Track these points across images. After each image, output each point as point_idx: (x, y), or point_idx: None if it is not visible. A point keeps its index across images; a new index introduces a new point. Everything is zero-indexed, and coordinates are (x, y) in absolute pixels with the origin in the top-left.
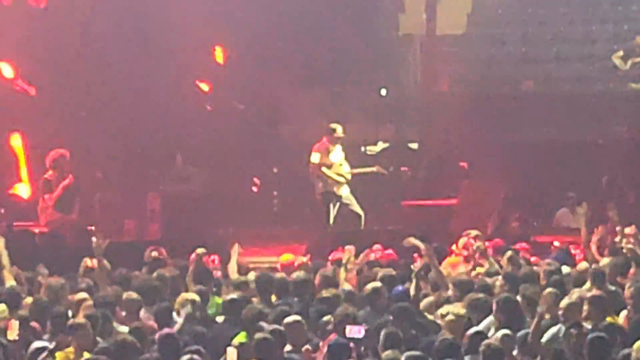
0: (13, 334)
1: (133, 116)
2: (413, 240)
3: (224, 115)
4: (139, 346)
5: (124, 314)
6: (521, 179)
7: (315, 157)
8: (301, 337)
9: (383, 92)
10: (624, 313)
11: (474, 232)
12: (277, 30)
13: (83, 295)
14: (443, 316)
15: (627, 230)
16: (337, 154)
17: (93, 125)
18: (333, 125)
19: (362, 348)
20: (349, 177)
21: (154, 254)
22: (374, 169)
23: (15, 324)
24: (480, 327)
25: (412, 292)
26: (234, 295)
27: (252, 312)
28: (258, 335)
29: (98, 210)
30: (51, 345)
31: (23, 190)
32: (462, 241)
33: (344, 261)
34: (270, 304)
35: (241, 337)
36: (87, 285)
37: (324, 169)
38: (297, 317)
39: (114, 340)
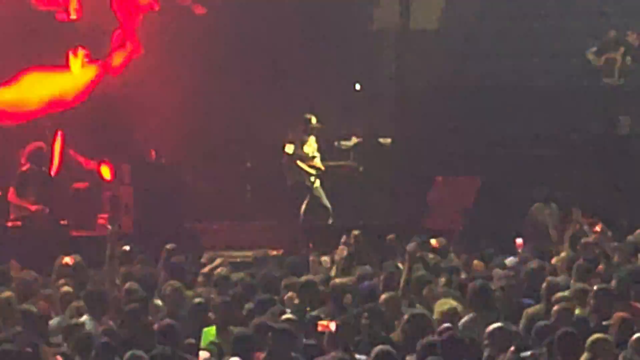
0: None
1: (115, 110)
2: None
3: (198, 109)
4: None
5: None
6: (495, 174)
7: (289, 148)
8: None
9: (357, 86)
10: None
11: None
12: (249, 24)
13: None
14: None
15: (597, 228)
16: (311, 146)
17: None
18: (308, 116)
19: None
20: (320, 169)
21: (125, 248)
22: (348, 162)
23: None
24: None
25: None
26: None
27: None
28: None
29: (71, 204)
30: None
31: None
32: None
33: (336, 258)
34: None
35: (210, 331)
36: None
37: (297, 160)
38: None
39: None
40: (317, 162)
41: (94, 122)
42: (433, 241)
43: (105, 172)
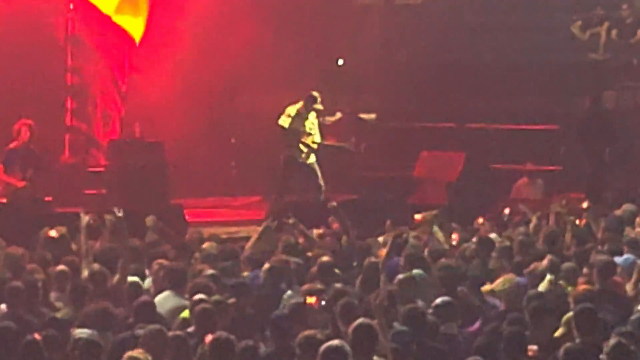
0: None
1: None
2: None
3: (182, 86)
4: None
5: None
6: (480, 149)
7: (284, 121)
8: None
9: (340, 62)
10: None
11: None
12: (232, 0)
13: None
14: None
15: (584, 204)
16: (310, 122)
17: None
18: (315, 93)
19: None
20: (315, 146)
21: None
22: (344, 145)
23: None
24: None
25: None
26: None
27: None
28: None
29: (57, 180)
30: None
31: None
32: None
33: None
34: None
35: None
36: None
37: (292, 135)
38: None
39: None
40: (315, 138)
41: (78, 98)
42: (418, 216)
43: None
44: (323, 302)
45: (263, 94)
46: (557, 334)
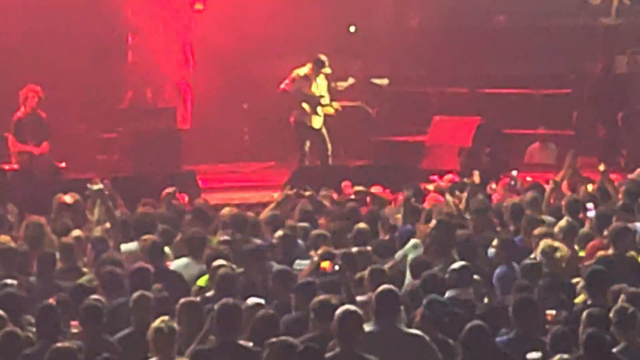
0: None
1: (105, 51)
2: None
3: (195, 52)
4: None
5: None
6: (492, 114)
7: (285, 85)
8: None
9: (352, 29)
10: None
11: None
12: None
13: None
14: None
15: (600, 167)
16: (319, 86)
17: (62, 61)
18: (322, 57)
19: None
20: (332, 110)
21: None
22: (357, 103)
23: None
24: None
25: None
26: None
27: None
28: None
29: (69, 146)
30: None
31: None
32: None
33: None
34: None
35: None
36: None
37: (301, 100)
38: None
39: None
40: (324, 101)
41: (93, 65)
42: (430, 187)
43: None
44: (337, 267)
45: (275, 59)
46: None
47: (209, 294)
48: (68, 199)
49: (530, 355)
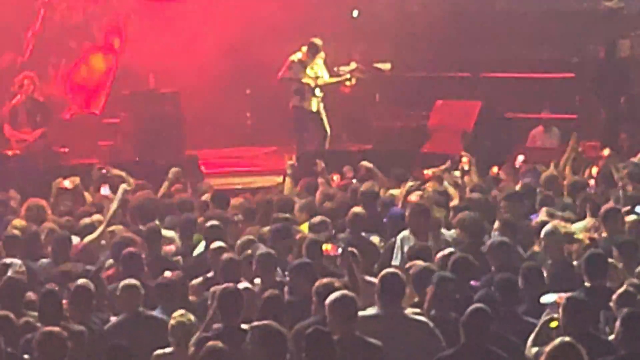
0: None
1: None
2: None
3: (197, 37)
4: None
5: None
6: (495, 98)
7: (287, 72)
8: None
9: (355, 13)
10: None
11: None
12: None
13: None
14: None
15: (605, 152)
16: (316, 67)
17: (65, 46)
18: (316, 41)
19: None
20: (320, 93)
21: (103, 171)
22: (347, 75)
23: None
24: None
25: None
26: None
27: None
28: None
29: (71, 131)
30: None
31: None
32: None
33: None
34: None
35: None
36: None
37: (304, 83)
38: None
39: None
40: (319, 82)
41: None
42: (428, 172)
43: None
44: (340, 250)
45: (279, 45)
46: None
47: (209, 274)
48: (67, 183)
49: (544, 297)
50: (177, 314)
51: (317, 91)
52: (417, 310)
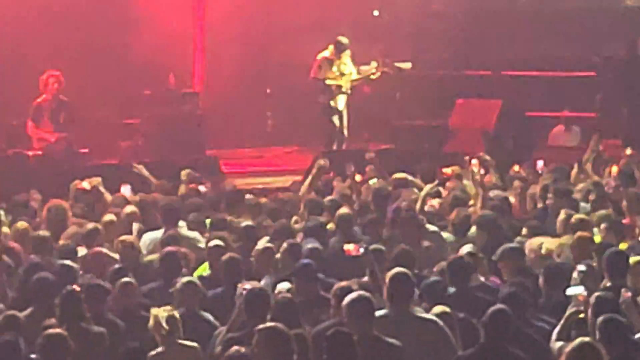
0: None
1: (126, 37)
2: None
3: (217, 37)
4: None
5: None
6: (516, 97)
7: (314, 72)
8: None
9: (376, 12)
10: None
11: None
12: None
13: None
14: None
15: (627, 151)
16: (343, 64)
17: (85, 47)
18: (341, 38)
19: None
20: (347, 89)
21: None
22: (372, 69)
23: None
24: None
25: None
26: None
27: None
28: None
29: (92, 132)
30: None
31: None
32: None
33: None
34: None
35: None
36: (81, 210)
37: (327, 80)
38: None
39: None
40: (352, 77)
41: (117, 49)
42: (447, 170)
43: None
44: (362, 250)
45: (299, 44)
46: None
47: (205, 273)
48: (85, 185)
49: (570, 290)
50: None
51: (344, 89)
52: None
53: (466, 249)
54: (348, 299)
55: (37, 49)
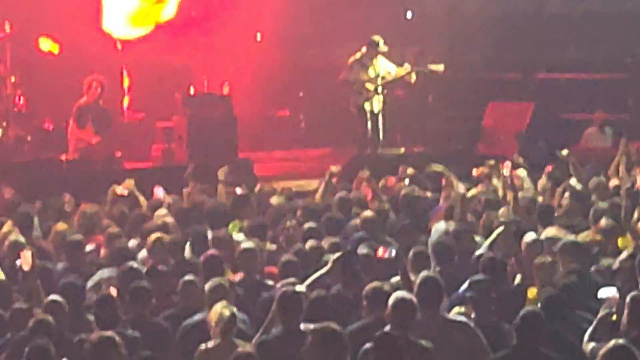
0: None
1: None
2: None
3: (250, 41)
4: None
5: None
6: (548, 99)
7: (345, 75)
8: None
9: (409, 15)
10: None
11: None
12: None
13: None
14: None
15: None
16: (378, 67)
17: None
18: (375, 38)
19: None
20: (382, 91)
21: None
22: (408, 69)
23: (28, 253)
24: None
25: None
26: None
27: None
28: None
29: (125, 135)
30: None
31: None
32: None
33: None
34: None
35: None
36: (119, 213)
37: (366, 83)
38: None
39: None
40: (388, 76)
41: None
42: (476, 171)
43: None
44: (394, 253)
45: (332, 47)
46: None
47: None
48: (121, 190)
49: (602, 291)
50: (218, 306)
51: (379, 90)
52: None
53: None
54: (394, 298)
55: (73, 54)
